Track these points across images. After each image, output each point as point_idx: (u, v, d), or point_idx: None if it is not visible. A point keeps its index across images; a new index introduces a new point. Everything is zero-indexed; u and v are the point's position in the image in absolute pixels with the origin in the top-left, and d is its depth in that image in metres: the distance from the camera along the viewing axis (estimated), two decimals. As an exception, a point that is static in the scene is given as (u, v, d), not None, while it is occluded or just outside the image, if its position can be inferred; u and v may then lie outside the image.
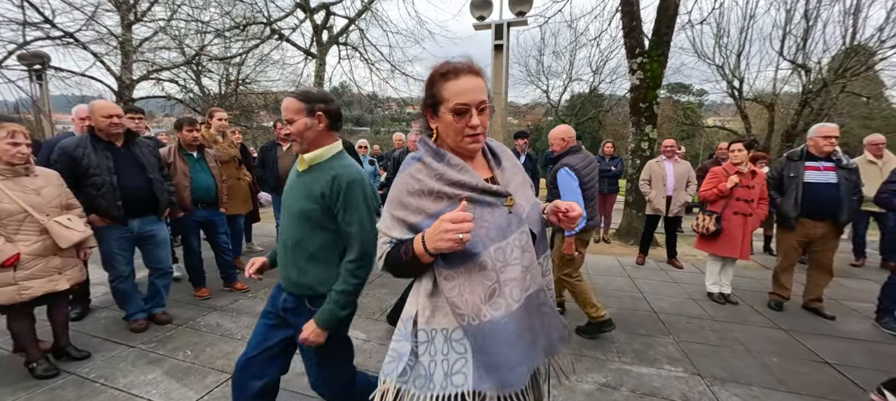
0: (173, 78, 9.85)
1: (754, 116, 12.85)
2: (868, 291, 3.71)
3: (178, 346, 2.52)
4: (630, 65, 5.87)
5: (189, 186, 3.12)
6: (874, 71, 10.21)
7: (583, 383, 2.20)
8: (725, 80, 11.42)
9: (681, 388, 2.17)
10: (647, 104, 5.72)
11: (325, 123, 1.32)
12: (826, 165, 3.07)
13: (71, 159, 2.39)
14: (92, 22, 7.99)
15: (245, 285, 3.55)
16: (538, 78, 19.15)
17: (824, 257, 3.17)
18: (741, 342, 2.73)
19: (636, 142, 5.81)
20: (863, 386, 2.21)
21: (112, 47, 8.41)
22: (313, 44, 10.60)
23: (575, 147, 2.83)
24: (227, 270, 3.53)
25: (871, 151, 4.46)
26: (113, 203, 2.46)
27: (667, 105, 20.31)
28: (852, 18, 9.01)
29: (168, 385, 2.09)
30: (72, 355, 2.29)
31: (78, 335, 2.54)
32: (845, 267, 4.66)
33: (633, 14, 5.77)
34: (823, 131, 3.07)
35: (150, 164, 2.68)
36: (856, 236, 4.87)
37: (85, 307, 2.98)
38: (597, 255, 5.22)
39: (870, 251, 4.87)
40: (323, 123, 1.32)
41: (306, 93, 1.32)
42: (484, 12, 7.44)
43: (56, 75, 8.44)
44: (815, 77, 9.92)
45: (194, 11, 9.07)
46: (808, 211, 3.08)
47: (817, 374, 2.34)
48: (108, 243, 2.53)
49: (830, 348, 2.67)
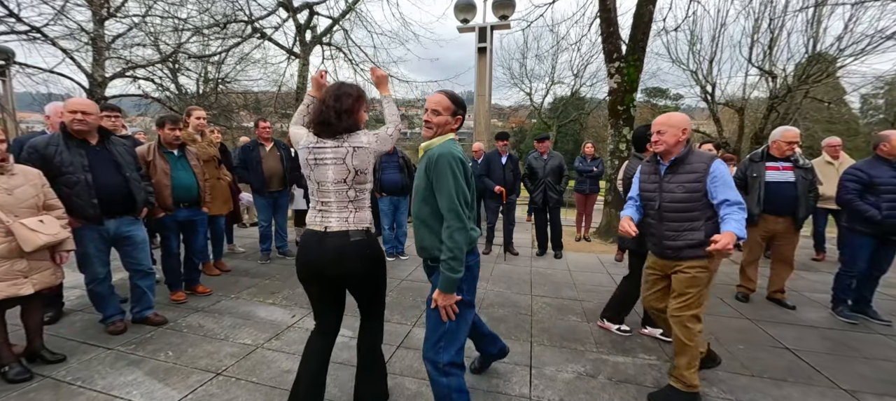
0: (149, 76, 9.54)
1: (726, 119, 13.41)
2: (826, 283, 3.96)
3: (158, 347, 2.48)
4: (608, 69, 6.08)
5: (170, 185, 3.06)
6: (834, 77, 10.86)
7: (562, 372, 2.30)
8: (699, 84, 11.89)
9: (654, 374, 2.29)
10: (625, 107, 5.93)
11: (457, 126, 1.64)
12: (784, 164, 3.28)
13: (42, 158, 2.31)
14: (61, 16, 7.66)
15: (208, 289, 3.48)
16: (521, 80, 19.48)
17: (785, 251, 3.39)
18: (710, 332, 2.89)
19: (615, 143, 6.02)
20: (817, 368, 2.39)
21: (83, 43, 8.08)
22: (296, 43, 10.47)
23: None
24: (191, 273, 3.43)
25: (829, 153, 4.77)
26: (88, 202, 2.40)
27: (644, 108, 20.96)
28: (814, 28, 9.57)
29: (150, 385, 2.07)
30: (46, 359, 2.23)
31: (52, 339, 2.47)
32: (806, 261, 4.96)
33: (610, 20, 5.98)
34: (788, 137, 3.28)
35: (126, 162, 2.61)
36: (816, 233, 5.19)
37: (58, 310, 2.88)
38: (578, 253, 5.38)
39: (828, 246, 5.20)
40: (457, 125, 1.63)
41: (456, 97, 1.62)
42: (468, 15, 7.55)
43: (21, 72, 8.05)
44: (781, 83, 10.46)
45: (171, 8, 8.82)
46: (769, 208, 3.29)
47: (777, 359, 2.51)
48: (84, 244, 2.46)
49: (791, 335, 2.86)
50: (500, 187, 4.80)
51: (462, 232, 1.46)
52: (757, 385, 2.19)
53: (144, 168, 2.98)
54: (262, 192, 4.33)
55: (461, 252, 1.47)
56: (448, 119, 1.58)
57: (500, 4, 7.25)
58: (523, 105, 22.71)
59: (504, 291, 3.76)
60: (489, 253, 5.22)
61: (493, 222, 5.35)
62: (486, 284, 3.95)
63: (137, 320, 2.78)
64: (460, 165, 1.50)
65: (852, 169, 3.08)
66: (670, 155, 2.03)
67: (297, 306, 3.23)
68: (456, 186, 1.46)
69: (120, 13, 8.58)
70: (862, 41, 8.72)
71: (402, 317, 3.06)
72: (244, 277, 4.00)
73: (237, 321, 2.91)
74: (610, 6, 5.96)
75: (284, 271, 4.15)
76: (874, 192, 2.91)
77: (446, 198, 1.46)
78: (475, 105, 7.96)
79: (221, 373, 2.20)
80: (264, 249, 4.54)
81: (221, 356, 2.39)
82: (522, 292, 3.72)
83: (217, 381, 2.12)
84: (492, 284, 3.95)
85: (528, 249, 5.49)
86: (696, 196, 1.94)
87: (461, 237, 1.46)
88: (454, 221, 1.45)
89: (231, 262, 4.44)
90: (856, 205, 2.96)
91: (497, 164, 4.97)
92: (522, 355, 2.48)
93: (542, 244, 5.23)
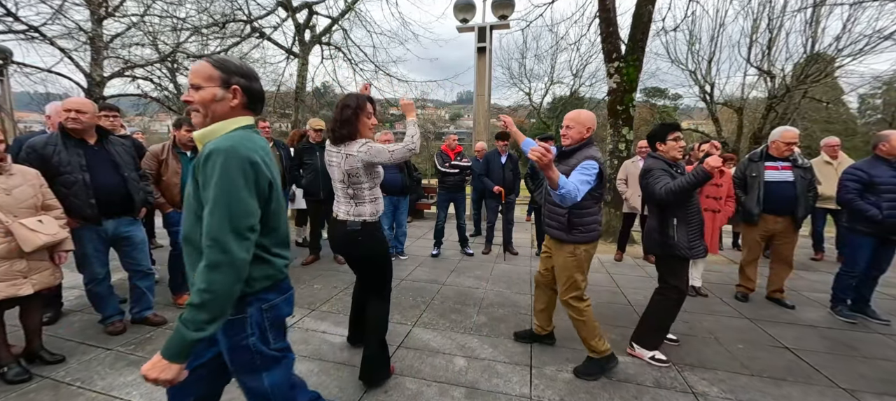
0: (148, 75, 9.52)
1: (725, 119, 13.44)
2: (825, 282, 3.98)
3: (158, 347, 2.44)
4: (608, 69, 6.08)
5: (180, 184, 3.08)
6: (833, 78, 10.89)
7: (563, 372, 2.30)
8: (698, 84, 11.92)
9: (654, 374, 2.29)
10: (624, 107, 5.93)
11: (238, 102, 1.10)
12: (783, 164, 3.29)
13: (40, 158, 2.31)
14: (59, 15, 7.63)
15: None
16: (520, 80, 19.52)
17: (785, 251, 3.40)
18: (710, 331, 2.90)
19: (614, 143, 6.02)
20: (816, 367, 2.39)
21: (81, 43, 8.05)
22: (295, 43, 10.44)
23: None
24: None
25: (827, 152, 4.78)
26: (86, 202, 2.39)
27: (643, 108, 21.00)
28: (812, 29, 9.59)
29: (148, 386, 2.05)
30: (45, 359, 2.22)
31: (51, 339, 2.46)
32: (805, 261, 4.97)
33: (610, 20, 5.98)
34: (787, 137, 3.28)
35: (124, 162, 2.60)
36: (815, 232, 5.20)
37: (57, 310, 2.87)
38: (577, 252, 5.38)
39: (827, 246, 5.21)
40: (237, 101, 1.10)
41: (226, 63, 1.10)
42: (467, 15, 7.55)
43: (19, 71, 8.02)
44: (780, 83, 10.48)
45: (169, 7, 8.80)
46: (768, 207, 3.30)
47: (777, 358, 2.51)
48: (83, 245, 2.45)
49: (790, 334, 2.87)
50: (499, 187, 4.81)
51: (227, 271, 0.95)
52: (757, 385, 2.20)
53: (157, 166, 3.03)
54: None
55: (219, 303, 0.95)
56: (218, 93, 1.07)
57: (499, 4, 7.26)
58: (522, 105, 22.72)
59: (504, 290, 3.76)
60: (489, 253, 5.23)
61: (492, 222, 5.36)
62: (486, 284, 3.95)
63: (137, 321, 2.77)
64: (250, 169, 1.00)
65: (852, 169, 3.08)
66: (570, 147, 2.20)
67: (297, 305, 3.23)
68: (233, 201, 0.96)
69: (118, 13, 8.56)
70: (860, 41, 8.76)
71: (402, 317, 3.06)
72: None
73: (237, 321, 2.90)
74: (609, 6, 5.96)
75: (284, 271, 4.14)
76: (874, 191, 2.92)
77: (214, 218, 0.96)
78: (475, 105, 7.96)
79: (221, 373, 2.20)
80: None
81: (221, 357, 2.38)
82: (522, 292, 3.72)
83: (217, 381, 2.12)
84: (492, 284, 3.96)
85: (527, 249, 5.49)
86: None
87: (223, 278, 0.95)
88: (216, 254, 0.94)
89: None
90: (856, 204, 2.97)
91: (496, 163, 4.97)
92: (522, 355, 2.48)
93: (541, 244, 5.23)
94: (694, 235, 2.36)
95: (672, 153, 2.39)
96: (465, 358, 2.43)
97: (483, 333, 2.79)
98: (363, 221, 1.95)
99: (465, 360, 2.41)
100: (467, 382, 2.18)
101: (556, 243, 2.27)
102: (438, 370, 2.29)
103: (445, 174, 5.08)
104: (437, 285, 3.85)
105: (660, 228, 2.39)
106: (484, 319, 3.05)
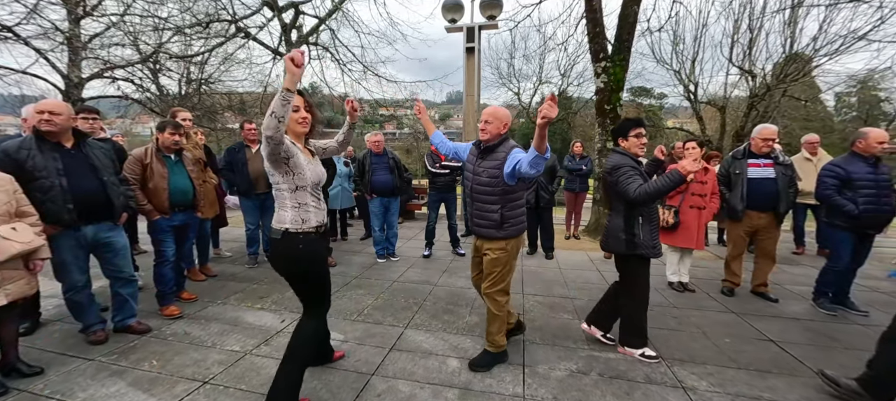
0: (128, 77, 9.25)
1: (708, 118, 13.73)
2: (807, 275, 4.11)
3: (142, 356, 2.41)
4: (595, 69, 6.15)
5: (167, 189, 2.99)
6: (810, 77, 11.22)
7: (555, 370, 2.31)
8: (682, 84, 12.14)
9: (644, 370, 2.32)
10: (612, 106, 6.01)
11: None
12: (765, 161, 3.37)
13: (14, 162, 2.20)
14: (34, 15, 7.37)
15: (194, 295, 3.38)
16: (509, 80, 19.55)
17: (768, 245, 3.48)
18: (698, 326, 2.95)
19: (602, 142, 6.09)
20: (800, 359, 2.46)
21: (58, 43, 7.79)
22: (282, 43, 10.29)
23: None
24: (177, 278, 3.29)
25: (807, 149, 4.93)
26: (63, 207, 2.30)
27: (630, 107, 21.33)
28: (790, 29, 9.87)
29: (133, 396, 2.00)
30: (22, 372, 2.13)
31: (29, 351, 2.36)
32: (787, 255, 5.11)
33: (596, 20, 6.05)
34: (764, 134, 3.37)
35: (103, 165, 2.51)
36: (795, 227, 5.35)
37: (35, 321, 2.76)
38: (568, 251, 5.43)
39: (807, 241, 5.37)
40: None
41: None
42: (455, 15, 7.54)
43: (-9, 73, 7.71)
44: (761, 82, 10.76)
45: (150, 7, 8.57)
46: (752, 204, 3.38)
47: (762, 351, 2.57)
48: (60, 252, 2.35)
49: (774, 327, 2.94)
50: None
51: None
52: (743, 377, 2.24)
53: (141, 170, 2.92)
54: (249, 194, 4.24)
55: None
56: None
57: (487, 4, 7.27)
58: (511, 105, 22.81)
59: (496, 290, 3.76)
60: (480, 253, 5.23)
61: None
62: (478, 283, 3.95)
63: (119, 329, 2.68)
64: None
65: (830, 165, 3.17)
66: (490, 144, 2.20)
67: (287, 310, 3.17)
68: None
69: (97, 12, 8.30)
70: (836, 41, 9.03)
71: (394, 319, 3.04)
72: (231, 281, 3.91)
73: (224, 327, 2.84)
74: (596, 6, 6.03)
75: (272, 275, 4.05)
76: (851, 187, 3.01)
77: None
78: (464, 105, 7.96)
79: (209, 381, 2.14)
80: (252, 253, 4.45)
81: (209, 364, 2.32)
82: (514, 291, 3.70)
83: (204, 390, 2.07)
84: (483, 283, 3.95)
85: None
86: (495, 181, 2.13)
87: None
88: None
89: (217, 266, 4.34)
90: (834, 200, 3.06)
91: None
92: (515, 354, 2.48)
93: (532, 243, 5.26)
94: (655, 234, 2.41)
95: (634, 149, 2.41)
96: (458, 359, 2.42)
97: (476, 333, 2.79)
98: (284, 230, 1.70)
99: (458, 361, 2.40)
100: (461, 383, 2.17)
101: (488, 242, 2.26)
102: (432, 372, 2.28)
103: (436, 175, 5.06)
104: (430, 286, 3.83)
105: (625, 227, 2.38)
106: (476, 319, 3.05)
